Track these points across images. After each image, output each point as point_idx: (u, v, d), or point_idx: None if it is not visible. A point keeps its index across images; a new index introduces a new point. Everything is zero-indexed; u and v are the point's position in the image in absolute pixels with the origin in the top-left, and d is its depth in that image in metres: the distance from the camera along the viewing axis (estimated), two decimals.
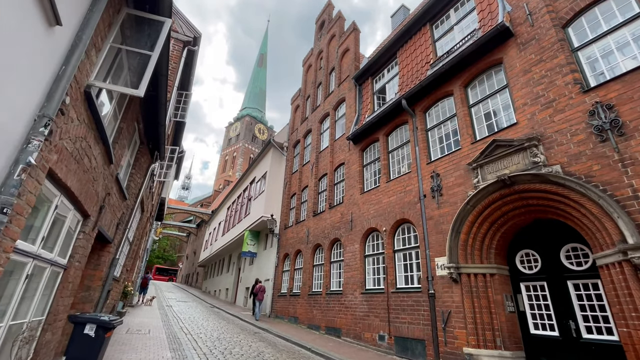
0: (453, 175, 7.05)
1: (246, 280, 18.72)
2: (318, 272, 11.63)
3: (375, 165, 10.09)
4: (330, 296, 10.24)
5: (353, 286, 9.25)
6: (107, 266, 5.95)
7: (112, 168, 4.68)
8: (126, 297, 9.50)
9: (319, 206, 12.90)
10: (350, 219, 10.17)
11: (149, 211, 10.55)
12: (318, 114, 15.01)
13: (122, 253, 7.63)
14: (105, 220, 5.06)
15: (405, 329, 7.15)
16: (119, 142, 4.78)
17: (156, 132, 6.41)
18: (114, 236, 5.92)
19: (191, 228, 44.10)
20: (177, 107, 11.04)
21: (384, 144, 9.73)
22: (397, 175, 8.93)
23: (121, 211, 6.03)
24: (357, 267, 9.27)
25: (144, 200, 7.97)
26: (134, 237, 8.56)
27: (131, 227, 7.38)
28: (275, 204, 16.46)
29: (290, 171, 16.45)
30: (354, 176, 10.75)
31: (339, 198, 11.61)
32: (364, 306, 8.61)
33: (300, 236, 13.23)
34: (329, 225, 11.36)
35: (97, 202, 4.34)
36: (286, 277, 13.89)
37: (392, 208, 8.52)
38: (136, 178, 6.55)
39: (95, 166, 3.90)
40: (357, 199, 10.18)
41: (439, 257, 6.81)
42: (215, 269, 28.77)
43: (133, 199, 6.64)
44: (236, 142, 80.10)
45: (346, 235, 10.20)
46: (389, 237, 8.42)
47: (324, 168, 13.13)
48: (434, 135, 8.19)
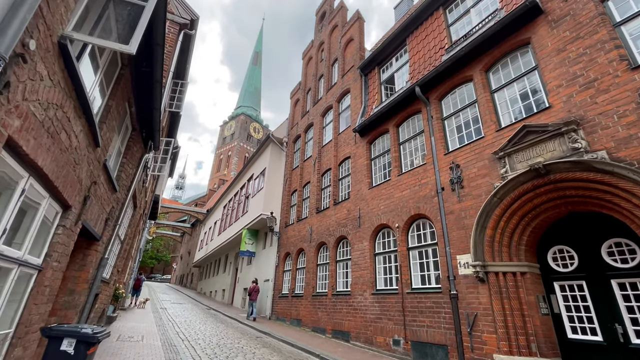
0: (475, 165, 6.50)
1: (244, 281, 18.03)
2: (323, 271, 11.02)
3: (385, 158, 9.51)
4: (336, 297, 9.64)
5: (362, 286, 8.66)
6: (95, 267, 5.26)
7: (98, 152, 4.02)
8: (117, 301, 8.79)
9: (323, 203, 12.29)
10: (358, 215, 9.58)
11: (142, 208, 9.83)
12: (320, 107, 14.39)
13: (112, 252, 6.93)
14: (92, 214, 4.39)
15: (424, 333, 6.58)
16: (107, 123, 4.11)
17: (150, 117, 5.75)
18: (102, 233, 5.24)
19: (185, 228, 43.19)
20: (172, 96, 10.35)
21: (394, 135, 9.15)
22: (410, 167, 8.36)
23: (110, 205, 5.35)
24: (367, 266, 8.68)
25: (137, 195, 7.28)
26: (126, 235, 7.86)
27: (122, 224, 6.69)
28: (275, 201, 15.81)
29: (290, 167, 15.81)
30: (361, 170, 10.16)
31: (345, 194, 11.02)
32: (375, 308, 8.03)
33: (303, 234, 12.61)
34: (334, 222, 10.76)
35: (81, 191, 3.67)
36: (287, 277, 13.25)
37: (406, 203, 7.95)
38: (127, 168, 5.87)
39: (77, 146, 3.24)
40: (365, 194, 9.59)
41: (462, 255, 6.25)
42: (211, 269, 27.98)
43: (124, 192, 5.95)
44: (231, 141, 79.17)
45: (353, 233, 9.60)
46: (402, 233, 7.84)
47: (327, 163, 12.52)
48: (451, 124, 7.63)
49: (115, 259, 7.43)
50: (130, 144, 5.84)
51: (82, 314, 5.07)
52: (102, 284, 6.39)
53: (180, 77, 10.57)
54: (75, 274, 4.90)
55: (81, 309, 5.07)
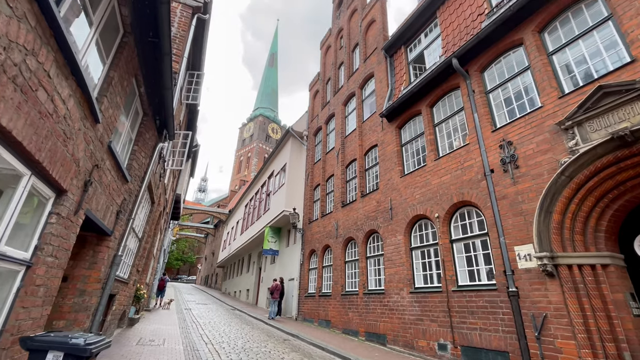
0: (533, 141, 5.53)
1: (268, 280, 17.55)
2: (351, 269, 10.25)
3: (418, 143, 8.62)
4: (369, 296, 8.85)
5: (398, 284, 7.83)
6: (107, 265, 4.77)
7: (99, 131, 3.46)
8: (139, 302, 8.43)
9: (348, 196, 11.52)
10: (390, 206, 8.75)
11: (161, 205, 9.45)
12: (341, 96, 13.62)
13: (129, 251, 6.49)
14: (98, 203, 3.86)
15: (477, 337, 5.68)
16: (109, 97, 3.55)
17: (161, 100, 5.21)
18: (114, 227, 4.74)
19: (209, 229, 43.63)
20: (188, 88, 9.93)
21: (428, 117, 8.25)
22: (450, 150, 7.44)
23: (122, 196, 4.85)
24: (402, 262, 7.84)
25: (153, 188, 6.82)
26: (144, 233, 7.44)
27: (137, 218, 6.23)
28: (297, 197, 15.20)
29: (312, 161, 15.14)
30: (390, 158, 9.31)
31: (373, 185, 10.20)
32: (414, 308, 7.18)
33: (328, 230, 11.89)
34: (363, 215, 9.97)
35: (78, 173, 3.12)
36: (313, 276, 12.58)
37: (446, 190, 7.05)
38: (140, 157, 5.36)
39: (67, 116, 2.67)
40: (397, 183, 8.74)
41: (521, 246, 5.31)
42: (235, 269, 27.84)
43: (137, 183, 5.46)
44: (250, 142, 79.95)
45: (385, 226, 8.78)
46: (443, 224, 6.95)
47: (351, 153, 11.74)
48: (497, 97, 6.66)
49: (133, 258, 7.01)
50: (142, 130, 5.33)
51: (94, 316, 4.59)
52: (118, 284, 5.95)
53: (195, 68, 10.13)
54: (85, 273, 4.42)
55: (93, 312, 4.58)
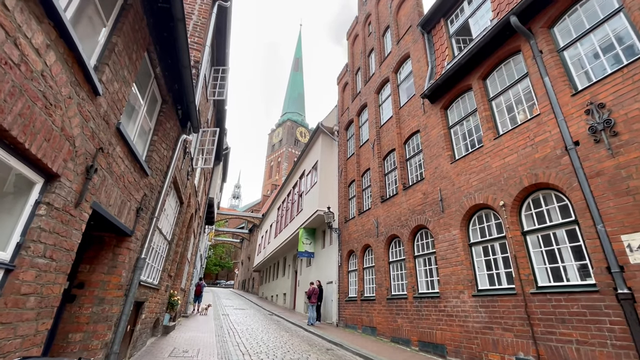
0: (638, 99, 4.29)
1: (304, 284, 16.87)
2: (397, 270, 9.23)
3: (470, 122, 7.48)
4: (420, 300, 7.80)
5: (456, 286, 6.73)
6: (129, 269, 4.25)
7: (102, 106, 2.88)
8: (173, 309, 8.05)
9: (388, 190, 10.52)
10: (439, 197, 7.66)
11: (192, 206, 9.07)
12: (373, 84, 12.68)
13: (157, 254, 6.03)
14: (109, 197, 3.30)
15: (573, 353, 4.49)
16: (113, 67, 2.97)
17: (181, 84, 4.65)
18: (135, 227, 4.21)
19: (244, 233, 44.20)
20: (214, 84, 9.54)
21: (480, 91, 7.10)
22: (513, 126, 6.27)
23: (141, 192, 4.32)
24: (460, 261, 6.73)
25: (179, 186, 6.34)
26: (174, 235, 7.00)
27: (163, 218, 5.75)
28: (331, 195, 14.40)
29: (344, 156, 14.29)
30: (436, 143, 8.23)
31: (417, 175, 9.14)
32: (480, 314, 6.06)
33: (367, 228, 10.95)
34: (407, 210, 8.93)
35: (75, 155, 2.53)
36: (353, 279, 11.67)
37: (513, 172, 5.89)
38: (161, 149, 4.84)
39: (46, 73, 2.06)
40: (447, 170, 7.65)
41: (632, 234, 4.08)
42: (271, 273, 27.59)
43: (160, 178, 4.94)
44: (280, 147, 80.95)
45: (435, 220, 7.70)
46: (512, 213, 5.79)
47: (389, 144, 10.74)
48: (574, 54, 5.42)
49: (162, 262, 6.57)
50: (162, 119, 4.81)
51: (117, 327, 4.06)
52: (146, 290, 5.47)
53: (220, 63, 9.73)
54: (104, 278, 3.90)
55: (115, 322, 4.06)
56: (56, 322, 3.55)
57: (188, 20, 6.87)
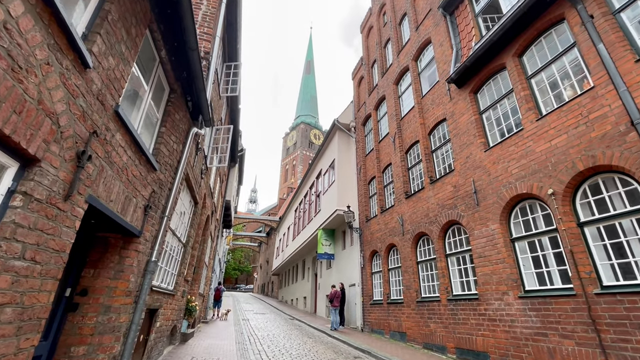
0: None
1: (325, 287, 16.32)
2: (427, 270, 8.54)
3: (505, 105, 6.77)
4: (455, 303, 7.10)
5: (498, 287, 6.01)
6: (138, 273, 3.84)
7: (94, 83, 2.47)
8: (191, 315, 7.69)
9: (412, 185, 9.86)
10: (473, 189, 6.97)
11: (208, 208, 8.72)
12: (391, 75, 12.06)
13: (170, 256, 5.64)
14: (110, 191, 2.90)
15: None
16: (106, 38, 2.56)
17: (187, 67, 4.25)
18: (143, 226, 3.81)
19: (261, 237, 44.13)
20: (226, 80, 9.20)
21: (517, 69, 6.39)
22: (559, 104, 5.54)
23: (149, 188, 3.92)
24: (501, 258, 6.02)
25: (192, 184, 5.95)
26: (189, 237, 6.63)
27: (175, 218, 5.36)
28: (350, 194, 13.82)
29: (363, 153, 13.69)
30: (466, 130, 7.54)
31: (445, 166, 8.45)
32: (529, 318, 5.33)
33: (391, 226, 10.30)
34: (435, 205, 8.26)
35: (60, 137, 2.11)
36: (378, 280, 11.03)
37: (563, 155, 5.16)
38: (170, 142, 4.45)
39: (8, 23, 1.64)
40: (481, 159, 6.95)
41: None
42: (290, 276, 27.18)
43: (170, 174, 4.55)
44: (294, 150, 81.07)
45: (469, 215, 7.01)
46: (563, 202, 5.07)
47: (411, 136, 10.09)
48: (632, 14, 4.69)
49: (178, 266, 6.19)
50: (170, 109, 4.42)
51: (126, 338, 3.65)
52: (160, 296, 5.08)
53: (232, 59, 9.39)
54: (110, 284, 3.50)
55: (125, 332, 3.65)
56: (57, 334, 3.17)
57: (197, 10, 6.52)
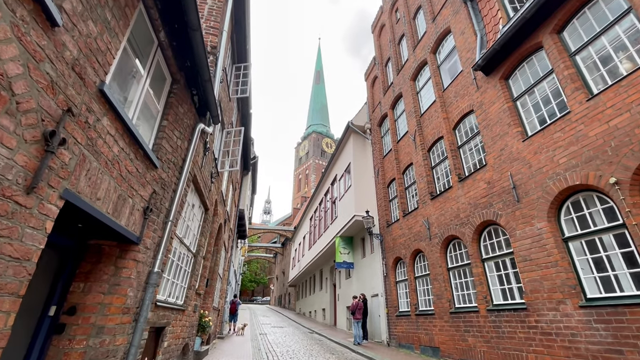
0: None
1: (345, 298, 15.51)
2: (460, 277, 7.73)
3: (543, 88, 6.05)
4: (497, 314, 6.27)
5: (551, 295, 5.19)
6: (137, 287, 3.31)
7: (67, 47, 1.98)
8: (205, 331, 7.13)
9: (438, 184, 9.12)
10: (511, 184, 6.21)
11: (220, 215, 8.23)
12: (407, 71, 11.47)
13: (179, 267, 5.12)
14: (96, 187, 2.39)
15: None
16: (87, 1, 2.09)
17: (190, 53, 3.79)
18: (142, 232, 3.29)
19: (277, 248, 43.58)
20: (236, 82, 8.84)
21: (557, 46, 5.69)
22: (614, 80, 4.80)
23: (149, 187, 3.42)
24: (554, 261, 5.22)
25: (201, 187, 5.45)
26: (199, 246, 6.12)
27: (182, 224, 4.85)
28: (368, 198, 13.13)
29: (380, 155, 13.04)
30: (499, 120, 6.83)
31: (475, 162, 7.71)
32: (597, 332, 4.50)
33: (416, 231, 9.54)
34: (466, 204, 7.50)
35: (17, 109, 1.62)
36: (404, 290, 10.21)
37: (626, 137, 4.40)
38: (173, 137, 3.97)
39: None
40: (518, 150, 6.21)
41: None
42: (307, 287, 26.38)
43: (174, 173, 4.05)
44: (306, 159, 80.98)
45: (509, 213, 6.23)
46: (631, 192, 4.27)
47: (433, 132, 9.40)
48: None
49: (187, 278, 5.66)
50: (173, 101, 3.96)
51: None
52: (168, 312, 4.54)
53: (241, 60, 9.04)
54: (104, 300, 2.98)
55: (122, 357, 3.10)
56: None
57: (202, 4, 6.17)
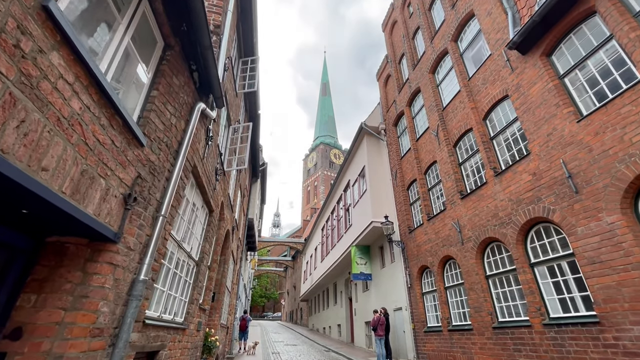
0: None
1: (363, 312, 14.36)
2: (503, 286, 6.68)
3: (599, 59, 5.17)
4: (558, 329, 5.21)
5: (635, 305, 4.17)
6: (117, 300, 2.48)
7: None
8: (210, 353, 6.21)
9: (468, 182, 8.18)
10: (566, 173, 5.26)
11: (228, 221, 7.42)
12: (425, 64, 10.72)
13: (177, 277, 4.28)
14: (37, 148, 1.61)
15: None
16: None
17: (186, 11, 3.08)
18: (122, 226, 2.50)
19: (287, 261, 42.46)
20: (243, 77, 8.21)
21: (616, 8, 4.84)
22: None
23: (132, 169, 2.64)
24: (634, 263, 4.21)
25: (202, 180, 4.65)
26: (203, 254, 5.29)
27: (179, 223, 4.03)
28: (385, 203, 12.21)
29: (397, 156, 12.16)
30: (543, 102, 5.94)
31: (514, 152, 6.78)
32: None
33: (444, 235, 8.55)
34: (506, 201, 6.54)
35: None
36: (431, 302, 9.13)
37: None
38: (166, 112, 3.22)
39: None
40: (572, 133, 5.29)
41: None
42: (320, 302, 25.12)
43: (167, 157, 3.27)
44: (315, 171, 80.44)
45: (565, 207, 5.26)
46: None
47: (459, 125, 8.54)
48: None
49: (189, 290, 4.81)
50: (166, 69, 3.23)
51: None
52: (163, 332, 3.68)
53: (248, 53, 8.44)
54: (63, 318, 2.16)
55: None
56: None
57: None
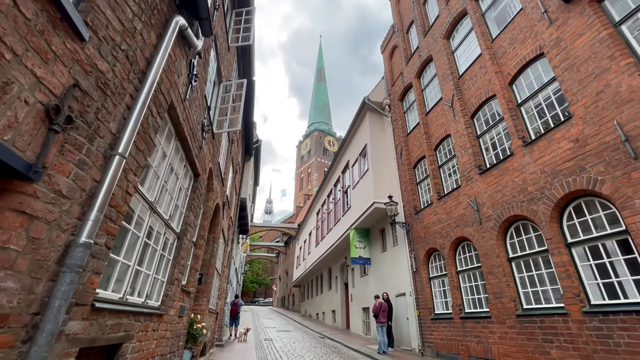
0: None
1: (360, 298, 13.74)
2: (528, 269, 5.95)
3: None
4: (602, 319, 4.49)
5: None
6: (39, 272, 1.55)
7: None
8: (196, 341, 5.39)
9: (487, 155, 7.36)
10: (622, 136, 4.44)
11: (217, 193, 6.47)
12: (438, 29, 9.73)
13: (149, 248, 3.35)
14: None
15: None
16: None
17: None
18: (43, 157, 1.54)
19: (279, 247, 41.93)
20: (236, 29, 7.12)
21: None
22: None
23: (64, 72, 1.68)
24: None
25: (185, 132, 3.67)
26: (187, 225, 4.37)
27: (153, 180, 3.07)
28: (388, 183, 11.37)
29: (403, 133, 11.27)
30: (591, 55, 5.07)
31: (547, 119, 5.94)
32: None
33: (458, 214, 7.78)
34: (538, 173, 5.74)
35: None
36: (440, 287, 8.44)
37: None
38: (126, 10, 2.23)
39: None
40: (631, 88, 4.45)
41: None
42: (313, 287, 24.58)
43: (126, 71, 2.29)
44: (308, 158, 79.38)
45: (619, 176, 4.46)
46: None
47: (479, 93, 7.65)
48: None
49: (167, 268, 3.90)
50: None
51: None
52: (129, 318, 2.78)
53: (243, 4, 7.32)
54: None
55: None
56: None
57: None
